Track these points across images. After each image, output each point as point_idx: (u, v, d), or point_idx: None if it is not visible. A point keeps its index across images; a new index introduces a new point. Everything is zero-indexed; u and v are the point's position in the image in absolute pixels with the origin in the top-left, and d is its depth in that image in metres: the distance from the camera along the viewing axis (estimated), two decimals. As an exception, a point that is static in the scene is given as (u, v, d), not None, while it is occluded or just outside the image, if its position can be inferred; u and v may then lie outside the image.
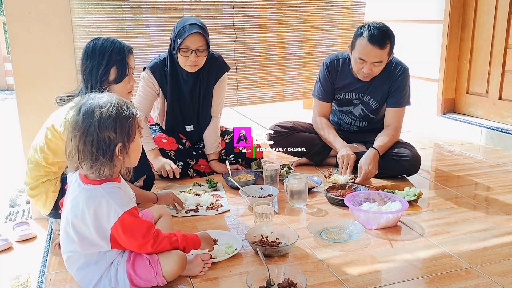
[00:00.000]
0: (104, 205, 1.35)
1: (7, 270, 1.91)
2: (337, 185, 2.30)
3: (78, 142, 1.35)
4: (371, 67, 2.39)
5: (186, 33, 2.30)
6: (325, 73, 2.62)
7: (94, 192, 1.37)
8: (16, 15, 2.29)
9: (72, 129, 1.37)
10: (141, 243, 1.39)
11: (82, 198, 1.38)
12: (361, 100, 2.60)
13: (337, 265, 1.62)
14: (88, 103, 1.38)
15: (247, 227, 1.91)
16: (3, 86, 7.48)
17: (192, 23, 2.34)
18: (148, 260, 1.43)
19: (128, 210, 1.36)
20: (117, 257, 1.44)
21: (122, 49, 1.96)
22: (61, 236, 1.48)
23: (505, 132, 3.14)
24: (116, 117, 1.36)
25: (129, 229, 1.37)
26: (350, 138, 2.69)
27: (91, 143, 1.34)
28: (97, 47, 1.92)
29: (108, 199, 1.36)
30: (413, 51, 3.77)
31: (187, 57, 2.36)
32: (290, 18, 3.27)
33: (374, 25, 2.35)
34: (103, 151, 1.35)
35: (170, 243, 1.45)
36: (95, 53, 1.92)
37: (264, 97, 3.37)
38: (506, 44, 3.21)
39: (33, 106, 2.36)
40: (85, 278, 1.44)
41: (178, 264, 1.45)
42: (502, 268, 1.61)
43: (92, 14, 2.68)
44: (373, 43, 2.32)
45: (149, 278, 1.44)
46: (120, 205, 1.36)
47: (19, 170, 3.02)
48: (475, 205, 2.18)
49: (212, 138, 2.60)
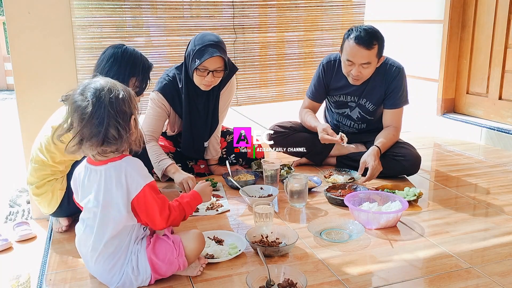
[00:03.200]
0: (129, 176, 1.40)
1: (7, 270, 1.91)
2: (337, 185, 2.30)
3: (94, 124, 1.34)
4: (360, 69, 2.38)
5: (207, 56, 2.18)
6: (320, 74, 2.62)
7: (118, 167, 1.41)
8: (16, 15, 2.29)
9: (80, 114, 1.35)
10: (158, 217, 1.44)
11: (106, 178, 1.41)
12: (357, 103, 2.59)
13: (337, 265, 1.62)
14: (90, 87, 1.38)
15: (247, 227, 1.91)
16: (3, 86, 7.48)
17: (212, 43, 2.21)
18: (171, 240, 1.48)
19: (150, 182, 1.42)
20: (136, 245, 1.47)
21: (148, 65, 2.01)
22: (79, 238, 1.50)
23: (505, 132, 3.14)
24: (123, 93, 1.40)
25: (149, 202, 1.42)
26: (349, 139, 2.69)
27: (109, 121, 1.35)
28: (126, 54, 1.95)
29: (131, 171, 1.41)
30: (413, 51, 3.77)
31: (204, 77, 2.26)
32: (290, 18, 3.27)
33: (362, 27, 2.36)
34: (122, 126, 1.38)
35: (179, 213, 1.52)
36: (123, 60, 1.93)
37: (264, 97, 3.38)
38: (506, 44, 3.21)
39: (33, 106, 2.36)
40: (112, 269, 1.45)
41: (197, 241, 1.52)
42: (502, 268, 1.61)
43: (92, 14, 2.68)
44: (359, 44, 2.31)
45: (171, 260, 1.46)
46: (143, 176, 1.42)
47: (19, 170, 3.02)
48: (475, 205, 2.18)
49: (213, 146, 2.56)
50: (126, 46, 2.00)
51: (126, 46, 2.00)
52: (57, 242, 1.91)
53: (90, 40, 2.68)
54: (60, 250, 1.83)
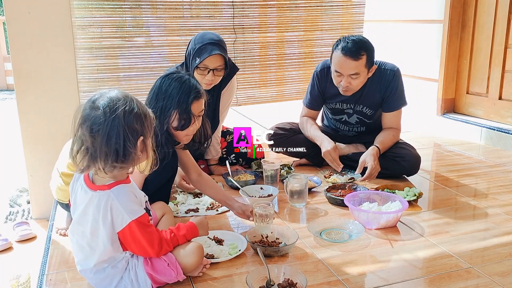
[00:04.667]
0: (114, 210, 1.33)
1: (7, 270, 1.91)
2: (337, 185, 2.30)
3: (100, 137, 1.27)
4: (349, 80, 2.35)
5: (206, 54, 2.18)
6: (314, 82, 2.60)
7: (105, 197, 1.33)
8: (16, 15, 2.29)
9: (90, 125, 1.28)
10: (146, 251, 1.40)
11: (92, 206, 1.34)
12: (354, 109, 2.57)
13: (337, 265, 1.62)
14: (105, 97, 1.30)
15: (247, 227, 1.91)
16: (3, 86, 7.48)
17: (212, 42, 2.22)
18: (166, 263, 1.43)
19: (136, 218, 1.34)
20: (133, 259, 1.43)
21: (187, 96, 1.73)
22: (73, 246, 1.46)
23: (505, 132, 3.14)
24: (137, 109, 1.32)
25: (136, 237, 1.36)
26: (349, 141, 2.69)
27: (117, 135, 1.28)
28: (163, 87, 1.74)
29: (118, 205, 1.33)
30: (413, 51, 3.77)
31: (204, 76, 2.26)
32: (290, 18, 3.27)
33: (350, 37, 2.33)
34: (131, 143, 1.30)
35: (172, 245, 1.46)
36: (160, 94, 1.74)
37: (264, 97, 3.37)
38: (506, 44, 3.21)
39: (33, 106, 2.36)
40: (103, 281, 1.43)
41: (196, 256, 1.48)
42: (502, 268, 1.61)
43: (92, 14, 2.68)
44: (346, 54, 2.29)
45: (170, 278, 1.45)
46: (128, 212, 1.34)
47: (19, 170, 3.02)
48: (475, 205, 2.18)
49: (213, 146, 2.55)
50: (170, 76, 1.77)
51: (171, 75, 1.77)
52: (57, 242, 1.91)
53: (90, 40, 2.68)
54: (60, 250, 1.83)
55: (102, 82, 2.73)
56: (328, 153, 2.43)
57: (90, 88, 2.67)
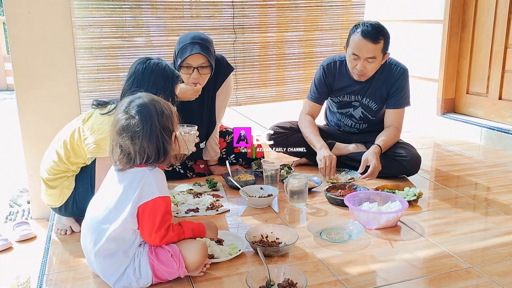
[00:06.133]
0: (147, 183, 1.43)
1: (7, 270, 1.91)
2: (337, 185, 2.30)
3: (140, 142, 1.41)
4: (365, 64, 2.39)
5: (187, 53, 2.22)
6: (321, 76, 2.62)
7: (141, 172, 1.44)
8: (16, 15, 2.29)
9: (130, 134, 1.41)
10: (153, 232, 1.43)
11: (126, 180, 1.45)
12: (360, 102, 2.59)
13: (337, 265, 1.62)
14: (135, 104, 1.44)
15: (247, 227, 1.91)
16: (3, 86, 7.48)
17: (193, 41, 2.25)
18: (170, 253, 1.46)
19: (165, 197, 1.44)
20: (140, 248, 1.47)
21: (171, 78, 1.86)
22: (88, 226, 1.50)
23: (504, 132, 3.15)
24: (165, 110, 1.47)
25: (154, 214, 1.42)
26: (350, 138, 2.70)
27: (156, 138, 1.43)
28: (147, 71, 1.84)
29: (152, 179, 1.43)
30: (413, 51, 3.77)
31: (189, 75, 2.27)
32: (290, 18, 3.27)
33: (369, 22, 2.39)
34: (167, 142, 1.46)
35: (177, 236, 1.50)
36: (144, 77, 1.83)
37: (264, 97, 3.37)
38: (506, 44, 3.21)
39: (33, 106, 2.35)
40: (111, 267, 1.45)
41: (200, 253, 1.50)
42: (502, 268, 1.61)
43: (92, 14, 2.68)
44: (365, 37, 2.33)
45: (171, 270, 1.46)
46: (159, 189, 1.43)
47: (19, 170, 3.02)
48: (475, 205, 2.18)
49: (211, 147, 2.55)
50: (148, 60, 1.87)
51: (149, 59, 1.88)
52: (57, 242, 1.91)
53: (90, 40, 2.68)
54: (60, 250, 1.83)
55: (102, 82, 2.72)
56: (329, 158, 2.41)
57: (90, 88, 2.67)
